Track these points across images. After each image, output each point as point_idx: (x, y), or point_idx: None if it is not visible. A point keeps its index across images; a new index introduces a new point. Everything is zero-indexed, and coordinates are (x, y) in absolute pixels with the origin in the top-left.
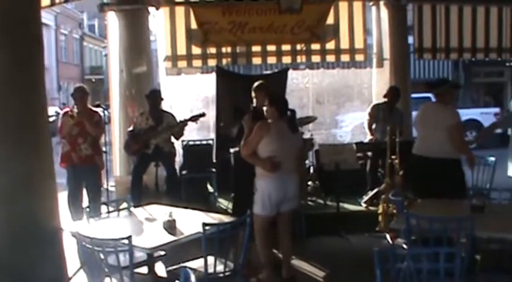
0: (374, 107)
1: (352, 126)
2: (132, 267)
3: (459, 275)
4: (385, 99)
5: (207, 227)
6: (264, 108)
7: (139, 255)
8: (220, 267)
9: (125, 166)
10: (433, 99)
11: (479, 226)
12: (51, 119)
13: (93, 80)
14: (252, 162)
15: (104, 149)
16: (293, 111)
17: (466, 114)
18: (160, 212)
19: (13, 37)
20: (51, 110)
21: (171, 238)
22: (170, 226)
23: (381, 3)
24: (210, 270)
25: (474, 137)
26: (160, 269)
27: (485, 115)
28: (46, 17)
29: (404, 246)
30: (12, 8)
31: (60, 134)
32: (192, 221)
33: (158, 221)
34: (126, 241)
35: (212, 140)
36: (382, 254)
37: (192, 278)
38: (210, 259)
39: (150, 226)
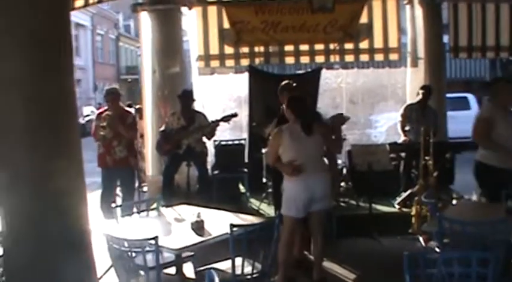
0: (407, 108)
1: (386, 126)
2: (159, 267)
3: (492, 280)
4: (417, 99)
5: (234, 228)
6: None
7: (168, 256)
8: (248, 269)
9: (156, 166)
10: (487, 102)
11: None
12: (87, 119)
13: (129, 80)
14: (278, 168)
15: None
16: (317, 114)
17: None
18: (190, 212)
19: (41, 38)
20: (87, 110)
21: (199, 239)
22: (198, 227)
23: (415, 1)
24: (238, 271)
25: None
26: (189, 270)
27: None
28: (82, 18)
29: (437, 249)
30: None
31: (94, 137)
32: (220, 222)
33: (186, 222)
34: (152, 241)
35: (244, 139)
36: (412, 258)
37: (216, 280)
38: (239, 260)
39: (178, 226)
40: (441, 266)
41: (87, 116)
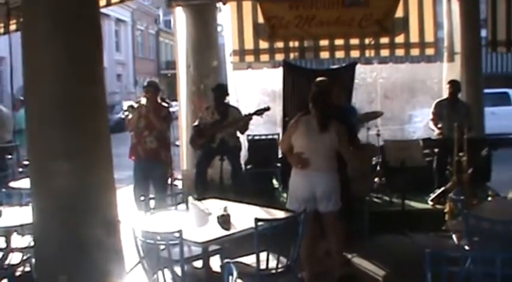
0: (437, 105)
1: (425, 121)
2: (183, 260)
3: None
4: (447, 96)
5: (259, 223)
6: None
7: (195, 250)
8: (273, 263)
9: (191, 160)
10: None
11: None
12: (126, 113)
13: (169, 75)
14: (288, 157)
15: (177, 143)
16: (352, 108)
17: None
18: (218, 206)
19: (69, 30)
20: (127, 105)
21: (224, 233)
22: (224, 221)
23: None
24: (263, 266)
25: None
26: (216, 264)
27: None
28: (123, 14)
29: (467, 247)
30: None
31: (129, 126)
32: (248, 216)
33: (213, 216)
34: (177, 234)
35: (278, 134)
36: (434, 256)
37: (235, 273)
38: (265, 255)
39: (205, 220)
40: (462, 265)
41: (126, 110)
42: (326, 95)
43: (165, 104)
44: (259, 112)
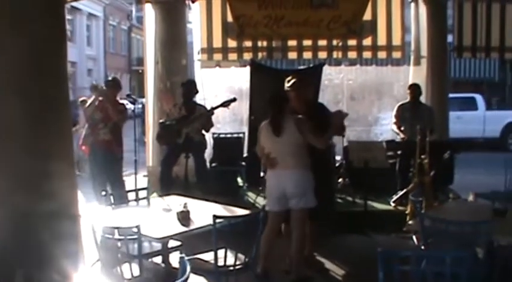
0: (399, 108)
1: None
2: (141, 255)
3: (466, 280)
4: (408, 99)
5: (217, 220)
6: None
7: (156, 245)
8: (232, 260)
9: (157, 157)
10: None
11: (500, 231)
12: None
13: (140, 71)
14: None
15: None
16: (321, 106)
17: (511, 116)
18: (179, 203)
19: (33, 23)
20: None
21: (183, 229)
22: (183, 217)
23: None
24: (221, 262)
25: None
26: (177, 260)
27: None
28: (95, 8)
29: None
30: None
31: (85, 118)
32: (208, 213)
33: (173, 212)
34: (135, 229)
35: (243, 133)
36: (386, 256)
37: (188, 268)
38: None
39: (165, 216)
40: (415, 265)
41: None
42: (279, 100)
43: (122, 102)
44: (226, 104)
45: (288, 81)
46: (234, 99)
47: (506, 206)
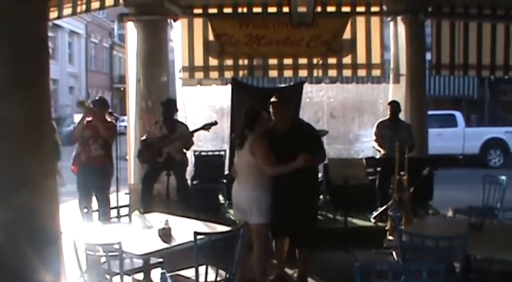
0: (379, 125)
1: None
2: (123, 272)
3: None
4: (388, 116)
5: (198, 236)
6: None
7: (137, 262)
8: (213, 277)
9: (139, 174)
10: None
11: (476, 246)
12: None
13: (122, 89)
14: None
15: (126, 157)
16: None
17: (490, 132)
18: (160, 220)
19: (15, 36)
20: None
21: (164, 245)
22: (165, 234)
23: (399, 18)
24: (202, 279)
25: None
26: (158, 277)
27: (510, 134)
28: (76, 26)
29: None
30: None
31: (73, 139)
32: (189, 230)
33: (155, 229)
34: (117, 246)
35: (224, 151)
36: (363, 270)
37: None
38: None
39: (146, 233)
40: (392, 279)
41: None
42: (254, 117)
43: (110, 120)
44: (207, 127)
45: (270, 102)
46: (215, 123)
47: (483, 221)
